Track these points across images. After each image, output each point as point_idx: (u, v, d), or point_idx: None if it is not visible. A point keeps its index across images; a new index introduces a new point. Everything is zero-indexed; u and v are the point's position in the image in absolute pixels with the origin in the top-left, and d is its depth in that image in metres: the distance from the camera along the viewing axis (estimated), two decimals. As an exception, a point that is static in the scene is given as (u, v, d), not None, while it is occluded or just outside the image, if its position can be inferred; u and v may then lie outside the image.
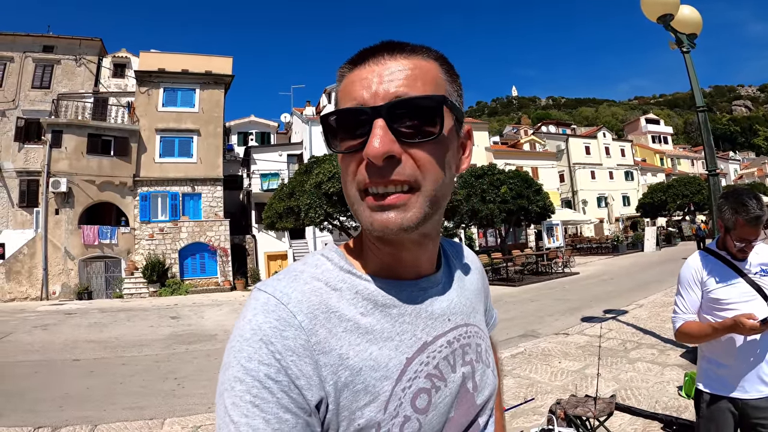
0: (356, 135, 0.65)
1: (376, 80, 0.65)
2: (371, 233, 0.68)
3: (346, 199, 0.70)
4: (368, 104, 0.64)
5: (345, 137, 0.66)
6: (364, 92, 0.65)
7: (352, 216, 0.79)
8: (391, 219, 0.64)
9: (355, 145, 0.65)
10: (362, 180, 0.65)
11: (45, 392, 6.88)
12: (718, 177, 5.77)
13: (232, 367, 0.61)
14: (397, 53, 0.68)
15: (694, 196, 35.65)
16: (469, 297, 0.85)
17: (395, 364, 0.67)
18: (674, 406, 4.51)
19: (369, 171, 0.64)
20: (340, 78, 0.71)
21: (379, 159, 0.62)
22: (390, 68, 0.66)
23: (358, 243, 0.78)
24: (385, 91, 0.64)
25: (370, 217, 0.65)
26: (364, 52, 0.69)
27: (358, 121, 0.64)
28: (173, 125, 25.66)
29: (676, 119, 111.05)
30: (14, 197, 24.06)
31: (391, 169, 0.64)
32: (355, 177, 0.66)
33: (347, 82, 0.68)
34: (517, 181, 22.41)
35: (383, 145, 0.62)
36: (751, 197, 2.02)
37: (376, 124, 0.63)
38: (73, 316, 16.08)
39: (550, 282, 17.86)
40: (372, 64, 0.67)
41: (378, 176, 0.64)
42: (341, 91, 0.69)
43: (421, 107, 0.65)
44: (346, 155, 0.67)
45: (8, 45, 25.36)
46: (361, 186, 0.65)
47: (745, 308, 2.03)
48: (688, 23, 5.91)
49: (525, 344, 7.77)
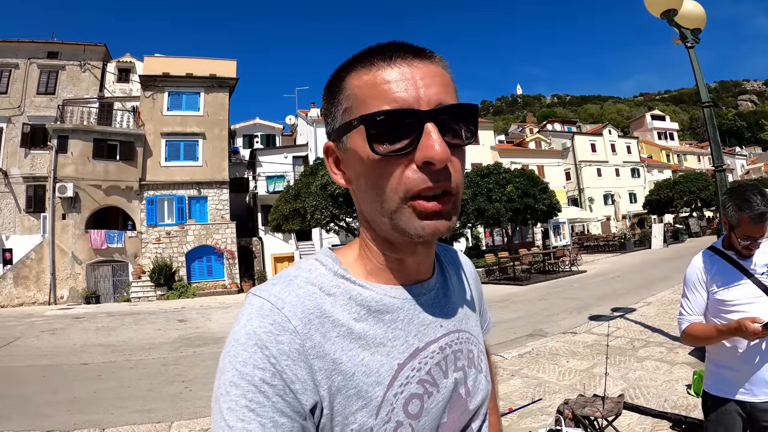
0: (400, 138, 0.63)
1: (417, 83, 0.64)
2: (411, 238, 0.66)
3: (374, 206, 0.67)
4: (414, 107, 0.63)
5: (390, 140, 0.63)
6: (404, 94, 0.63)
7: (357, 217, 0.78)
8: (442, 224, 0.65)
9: (400, 149, 0.63)
10: (413, 186, 0.63)
11: (53, 396, 6.91)
12: (725, 173, 5.71)
13: (228, 371, 0.61)
14: (424, 57, 0.67)
15: (701, 192, 35.41)
16: (461, 303, 0.85)
17: (387, 370, 0.67)
18: (683, 405, 4.47)
19: (425, 175, 0.63)
20: (354, 75, 0.67)
21: (443, 163, 0.62)
22: (424, 72, 0.65)
23: (353, 248, 0.77)
24: (428, 96, 0.64)
25: (419, 222, 0.64)
26: (386, 50, 0.66)
27: (406, 124, 0.63)
28: (178, 129, 25.79)
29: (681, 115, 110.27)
30: (21, 203, 24.22)
31: (444, 174, 0.64)
32: (400, 181, 0.63)
33: (376, 81, 0.64)
34: (523, 180, 22.36)
35: (445, 149, 0.62)
36: (756, 193, 1.96)
37: (428, 128, 0.62)
38: (80, 320, 16.16)
39: (557, 280, 17.78)
40: (403, 65, 0.65)
41: (434, 181, 0.63)
42: (368, 90, 0.65)
43: (461, 114, 0.66)
44: (386, 159, 0.63)
45: (13, 51, 25.55)
46: (409, 192, 0.63)
47: (750, 309, 1.97)
48: (692, 18, 5.87)
49: (532, 344, 7.74)
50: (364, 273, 0.73)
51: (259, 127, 39.05)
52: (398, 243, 0.70)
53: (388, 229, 0.67)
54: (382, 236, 0.71)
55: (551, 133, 50.61)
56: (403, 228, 0.65)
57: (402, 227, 0.65)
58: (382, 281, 0.73)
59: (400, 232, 0.66)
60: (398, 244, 0.71)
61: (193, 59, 27.90)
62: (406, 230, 0.65)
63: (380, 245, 0.72)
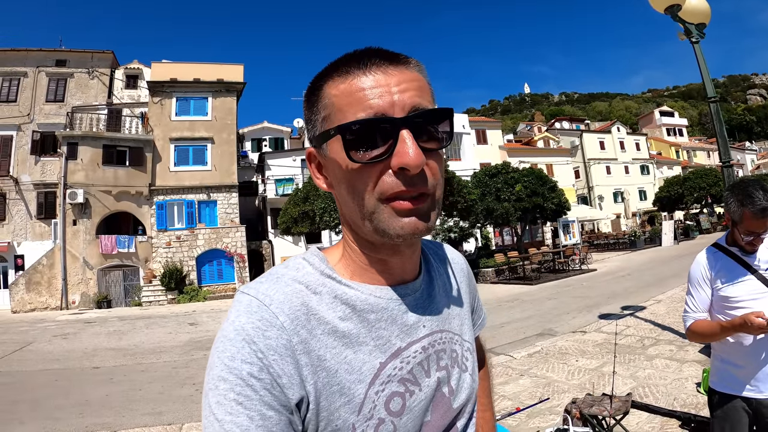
0: (377, 145, 0.64)
1: (391, 90, 0.65)
2: (391, 238, 0.67)
3: (354, 209, 0.69)
4: (388, 114, 0.64)
5: (366, 147, 0.64)
6: (379, 101, 0.64)
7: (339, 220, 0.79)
8: (420, 224, 0.66)
9: (377, 156, 0.64)
10: (388, 189, 0.64)
11: (65, 399, 6.97)
12: (733, 168, 5.69)
13: (216, 366, 0.63)
14: (399, 63, 0.68)
15: (711, 188, 35.11)
16: (447, 302, 0.85)
17: (369, 369, 0.68)
18: (693, 403, 4.43)
19: (400, 180, 0.64)
20: (331, 83, 0.68)
21: (418, 169, 0.63)
22: (398, 78, 0.66)
23: (337, 249, 0.78)
24: (403, 102, 0.65)
25: (398, 221, 0.65)
26: (360, 57, 0.67)
27: (381, 131, 0.64)
28: (187, 134, 25.91)
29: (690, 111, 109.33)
30: (32, 209, 24.47)
31: (420, 178, 0.65)
32: (375, 187, 0.65)
33: (351, 89, 0.65)
34: (532, 179, 22.26)
35: (419, 155, 0.63)
36: (758, 188, 1.94)
37: (403, 134, 0.63)
38: (92, 324, 16.29)
39: (567, 279, 17.68)
40: (377, 72, 0.66)
41: (409, 185, 0.64)
42: (344, 98, 0.66)
43: (436, 119, 0.68)
44: (363, 166, 0.65)
45: (21, 60, 25.85)
46: (385, 195, 0.65)
47: (755, 306, 1.96)
48: (696, 13, 5.83)
49: (542, 343, 7.70)
50: (349, 273, 0.74)
51: (267, 131, 39.07)
52: (379, 244, 0.71)
53: (370, 231, 0.68)
54: (364, 238, 0.72)
55: (559, 131, 50.41)
56: (383, 228, 0.66)
57: (382, 228, 0.66)
58: (367, 281, 0.74)
59: (381, 233, 0.67)
60: (379, 245, 0.72)
61: (201, 64, 28.04)
62: (386, 230, 0.66)
63: (363, 246, 0.73)
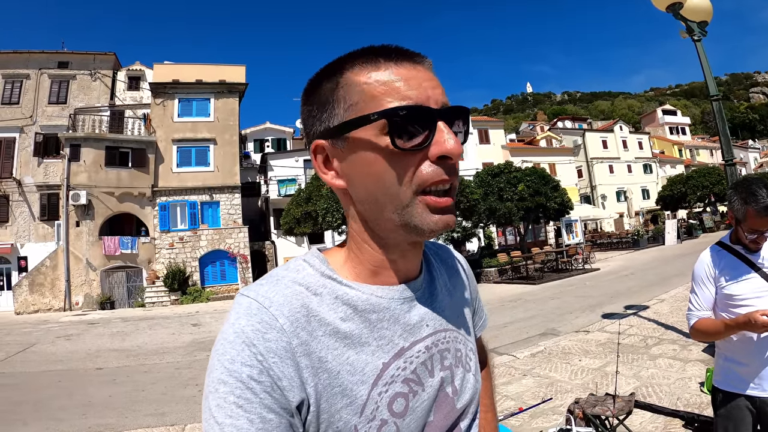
0: (417, 134, 0.64)
1: (425, 84, 0.66)
2: (422, 234, 0.67)
3: (383, 203, 0.67)
4: (426, 105, 0.65)
5: (409, 136, 0.64)
6: (416, 92, 0.65)
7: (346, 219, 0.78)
8: (451, 219, 0.67)
9: (419, 144, 0.64)
10: (428, 178, 0.65)
11: (68, 400, 6.99)
12: (736, 167, 5.66)
13: (216, 369, 0.63)
14: (423, 61, 0.70)
15: (714, 187, 35.00)
16: (449, 302, 0.84)
17: (371, 369, 0.68)
18: (696, 403, 4.42)
19: (440, 170, 0.65)
20: (359, 71, 0.67)
21: (458, 157, 0.65)
22: (425, 75, 0.68)
23: (341, 250, 0.78)
24: (436, 97, 0.66)
25: (431, 217, 0.66)
26: (388, 50, 0.68)
27: (422, 121, 0.64)
28: (189, 135, 25.95)
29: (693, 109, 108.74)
30: (35, 211, 24.57)
31: (453, 169, 0.67)
32: (414, 175, 0.65)
33: (386, 78, 0.65)
34: (535, 178, 22.24)
35: (459, 145, 0.65)
36: (761, 186, 1.93)
37: (441, 125, 0.65)
38: (95, 325, 16.34)
39: (570, 279, 17.67)
40: (409, 66, 0.67)
41: (447, 175, 0.66)
42: (379, 86, 0.65)
43: (459, 116, 0.69)
44: (403, 154, 0.64)
45: (24, 62, 25.96)
46: (424, 185, 0.65)
47: (759, 303, 1.95)
48: (698, 11, 5.81)
49: (545, 343, 7.69)
50: (353, 274, 0.73)
51: (269, 132, 39.12)
52: (393, 243, 0.71)
53: (395, 226, 0.68)
54: (380, 236, 0.71)
55: (562, 130, 50.29)
56: (415, 224, 0.66)
57: (414, 223, 0.66)
58: (370, 282, 0.73)
59: (411, 228, 0.67)
60: (393, 245, 0.71)
61: (203, 66, 28.10)
62: (419, 225, 0.66)
63: (375, 246, 0.72)
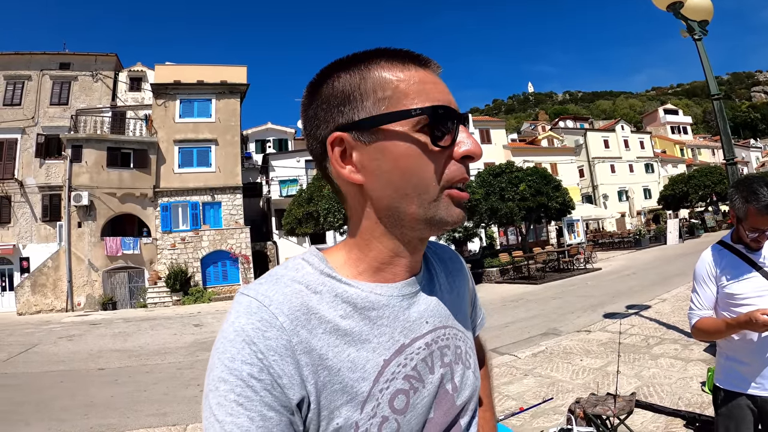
0: (446, 133, 0.68)
1: (445, 89, 0.72)
2: (444, 226, 0.71)
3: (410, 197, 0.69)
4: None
5: (442, 134, 0.68)
6: (443, 96, 0.70)
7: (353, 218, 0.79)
8: (464, 213, 0.72)
9: (449, 143, 0.69)
10: (456, 176, 0.70)
11: (70, 401, 7.00)
12: (737, 165, 5.66)
13: (217, 367, 0.63)
14: (438, 68, 0.74)
15: (716, 186, 34.95)
16: (449, 298, 0.85)
17: (372, 366, 0.68)
18: (697, 403, 4.41)
19: (463, 168, 0.70)
20: (388, 68, 0.69)
21: (479, 158, 0.71)
22: (441, 81, 0.73)
23: (342, 249, 0.78)
24: (454, 102, 0.71)
25: (454, 210, 0.70)
26: (413, 54, 0.72)
27: (450, 122, 0.68)
28: (191, 136, 25.98)
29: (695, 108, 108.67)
30: (37, 212, 24.63)
31: (469, 169, 0.73)
32: (444, 172, 0.69)
33: (418, 78, 0.69)
34: (536, 178, 22.22)
35: (480, 146, 0.71)
36: (763, 185, 1.93)
37: (463, 128, 0.70)
38: (97, 326, 16.36)
39: (572, 279, 17.66)
40: (432, 72, 0.73)
41: (468, 174, 0.72)
42: (412, 85, 0.68)
43: (466, 122, 0.72)
44: (434, 151, 0.68)
45: (25, 64, 26.02)
46: (452, 181, 0.69)
47: (760, 302, 1.95)
48: (699, 10, 5.80)
49: (546, 342, 7.69)
50: (354, 272, 0.73)
51: (271, 132, 39.15)
52: (407, 239, 0.73)
53: (417, 220, 0.70)
54: (394, 232, 0.72)
55: (563, 130, 50.28)
56: (441, 216, 0.70)
57: (440, 216, 0.70)
58: (370, 279, 0.73)
59: (435, 221, 0.70)
60: (406, 241, 0.73)
61: (204, 66, 28.15)
62: (444, 218, 0.70)
63: (386, 242, 0.73)
